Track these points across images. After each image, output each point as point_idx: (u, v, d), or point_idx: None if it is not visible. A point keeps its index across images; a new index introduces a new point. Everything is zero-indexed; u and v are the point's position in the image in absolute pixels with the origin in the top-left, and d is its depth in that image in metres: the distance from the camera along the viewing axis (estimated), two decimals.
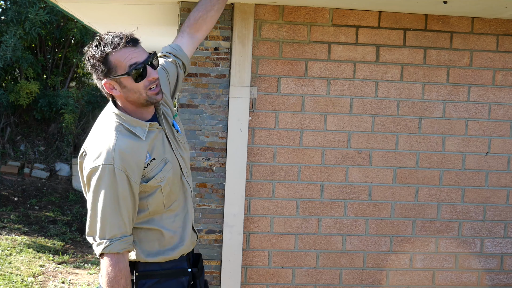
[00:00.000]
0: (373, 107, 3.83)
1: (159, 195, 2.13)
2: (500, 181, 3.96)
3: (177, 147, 2.24)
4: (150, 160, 2.10)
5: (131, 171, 2.03)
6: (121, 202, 2.02)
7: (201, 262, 2.42)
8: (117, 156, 2.00)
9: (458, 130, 3.90)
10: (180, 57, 2.52)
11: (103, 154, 2.01)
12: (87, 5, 4.02)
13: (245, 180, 3.75)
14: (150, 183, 2.10)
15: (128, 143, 2.04)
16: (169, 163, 2.16)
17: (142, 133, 2.09)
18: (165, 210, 2.18)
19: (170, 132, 2.24)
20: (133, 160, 2.04)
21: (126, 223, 2.04)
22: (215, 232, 3.77)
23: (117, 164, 2.00)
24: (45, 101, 9.57)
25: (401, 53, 3.82)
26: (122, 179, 2.01)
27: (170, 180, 2.15)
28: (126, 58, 2.05)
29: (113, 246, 2.02)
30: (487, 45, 3.87)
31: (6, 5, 9.36)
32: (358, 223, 3.89)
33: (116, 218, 2.02)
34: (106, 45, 2.05)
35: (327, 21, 3.75)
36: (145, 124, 2.11)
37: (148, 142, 2.11)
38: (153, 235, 2.18)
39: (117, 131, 2.06)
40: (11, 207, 8.05)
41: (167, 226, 2.19)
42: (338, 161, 3.84)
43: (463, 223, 3.97)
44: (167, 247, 2.20)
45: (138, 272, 2.17)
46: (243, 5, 3.62)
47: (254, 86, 3.72)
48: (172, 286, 2.22)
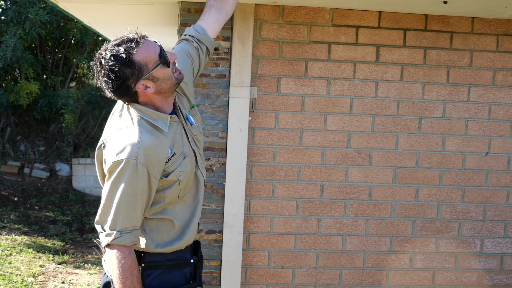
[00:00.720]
0: (373, 107, 3.83)
1: (177, 188, 2.14)
2: (500, 181, 3.96)
3: (193, 141, 2.25)
4: (171, 155, 2.11)
5: (152, 167, 2.04)
6: (139, 197, 2.04)
7: (200, 250, 2.44)
8: (141, 151, 2.01)
9: (458, 130, 3.90)
10: (204, 41, 2.50)
11: (127, 148, 2.01)
12: (87, 5, 4.02)
13: (245, 180, 3.75)
14: (170, 177, 2.11)
15: (152, 139, 2.05)
16: (188, 157, 2.17)
17: (164, 125, 2.10)
18: (178, 201, 2.20)
19: (186, 124, 2.25)
20: (156, 157, 2.05)
21: (139, 218, 2.06)
22: (215, 232, 3.77)
23: (141, 159, 2.01)
24: (45, 101, 9.58)
25: (401, 53, 3.82)
26: (143, 174, 2.02)
27: (188, 174, 2.17)
28: (150, 51, 2.07)
29: (123, 238, 2.03)
30: (487, 45, 3.87)
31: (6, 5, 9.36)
32: (358, 223, 3.89)
33: (130, 212, 2.03)
34: (125, 50, 2.03)
35: (327, 21, 3.75)
36: (166, 117, 2.12)
37: (170, 136, 2.12)
38: (164, 225, 2.19)
39: (140, 126, 2.07)
40: (11, 207, 8.05)
41: (178, 216, 2.21)
42: (338, 161, 3.84)
43: (463, 223, 3.97)
44: (175, 237, 2.22)
45: (144, 263, 2.19)
46: (243, 5, 3.62)
47: (254, 86, 3.72)
48: (176, 277, 2.24)
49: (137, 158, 2.00)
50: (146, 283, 2.17)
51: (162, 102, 2.15)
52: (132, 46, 2.03)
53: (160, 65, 2.08)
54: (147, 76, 2.07)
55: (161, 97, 2.14)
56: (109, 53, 2.04)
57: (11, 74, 10.28)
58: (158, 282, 2.19)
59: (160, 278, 2.20)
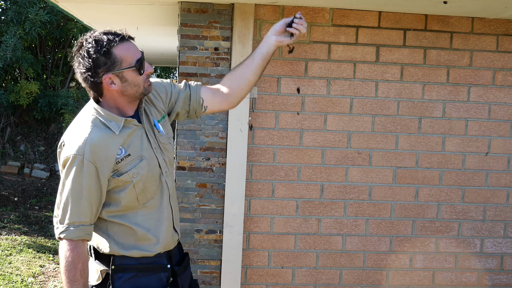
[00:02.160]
0: (373, 107, 3.83)
1: (132, 191, 2.15)
2: (500, 181, 3.96)
3: (157, 146, 2.25)
4: (124, 156, 2.13)
5: (100, 164, 2.07)
6: (85, 192, 2.06)
7: (187, 261, 2.43)
8: (88, 148, 2.05)
9: (458, 130, 3.90)
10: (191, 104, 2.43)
11: (76, 144, 2.06)
12: (87, 5, 4.02)
13: (245, 180, 3.75)
14: (122, 177, 2.12)
15: (100, 136, 2.09)
16: (145, 160, 2.17)
17: (116, 127, 2.13)
18: (140, 207, 2.19)
19: (151, 130, 2.25)
20: (103, 153, 2.08)
21: (86, 213, 2.08)
22: (215, 232, 3.77)
23: (87, 155, 2.05)
24: (45, 101, 9.58)
25: (401, 53, 3.82)
26: (90, 170, 2.06)
27: (144, 177, 2.16)
28: (130, 52, 2.11)
29: (69, 232, 2.07)
30: (487, 45, 3.87)
31: (6, 5, 9.35)
32: (358, 223, 3.89)
33: (76, 207, 2.07)
34: (109, 40, 2.07)
35: (327, 21, 3.75)
36: (120, 119, 2.14)
37: (123, 137, 2.14)
38: (126, 230, 2.20)
39: (92, 124, 2.12)
40: (11, 207, 8.05)
41: (141, 223, 2.20)
42: (338, 161, 3.84)
43: (463, 223, 3.97)
44: (142, 243, 2.21)
45: (114, 265, 2.19)
46: (243, 5, 3.62)
47: (254, 86, 3.71)
48: (151, 281, 2.23)
49: (84, 154, 2.04)
50: (116, 285, 2.18)
51: (124, 104, 2.18)
52: (116, 40, 2.07)
53: (133, 68, 2.11)
54: (117, 73, 2.10)
55: (123, 99, 2.17)
56: (92, 38, 2.09)
57: (11, 74, 10.28)
58: (129, 285, 2.19)
59: (132, 282, 2.20)
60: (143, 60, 2.15)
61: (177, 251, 2.40)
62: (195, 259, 3.78)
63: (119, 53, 2.08)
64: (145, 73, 2.15)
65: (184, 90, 2.41)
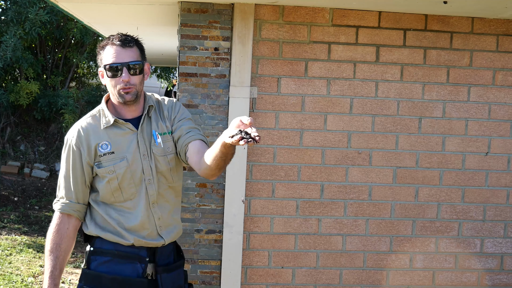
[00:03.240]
0: (373, 107, 3.83)
1: (107, 186, 2.31)
2: (500, 181, 3.96)
3: (146, 154, 2.34)
4: (108, 152, 2.31)
5: (83, 149, 2.31)
6: (71, 172, 2.33)
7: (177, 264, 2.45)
8: (76, 133, 2.33)
9: (458, 130, 3.90)
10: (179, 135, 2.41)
11: (72, 130, 2.36)
12: (87, 5, 4.02)
13: (245, 180, 3.75)
14: (101, 170, 2.31)
15: (87, 126, 2.34)
16: (125, 161, 2.30)
17: (104, 123, 2.32)
18: (117, 204, 2.33)
19: (147, 138, 2.35)
20: (85, 141, 2.31)
21: (72, 191, 2.33)
22: (215, 232, 3.77)
23: (74, 140, 2.32)
24: (45, 101, 9.57)
25: (401, 53, 3.82)
26: (76, 153, 2.32)
27: (120, 176, 2.29)
28: (108, 55, 2.27)
29: (58, 204, 2.34)
30: (487, 45, 3.87)
31: (6, 5, 9.34)
32: (358, 223, 3.89)
33: (66, 184, 2.34)
34: (107, 38, 2.32)
35: (327, 21, 3.75)
36: (111, 119, 2.31)
37: (110, 134, 2.32)
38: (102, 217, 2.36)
39: (91, 115, 2.38)
40: (11, 207, 8.05)
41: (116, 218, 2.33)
42: (338, 161, 3.84)
43: (463, 223, 3.97)
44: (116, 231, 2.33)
45: (93, 247, 2.37)
46: (243, 5, 3.62)
47: (254, 86, 3.72)
48: (125, 268, 2.33)
49: (72, 138, 2.33)
50: (92, 266, 2.36)
51: (116, 103, 2.34)
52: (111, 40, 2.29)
53: (103, 69, 2.29)
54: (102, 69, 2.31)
55: (113, 100, 2.35)
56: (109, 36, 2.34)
57: (11, 74, 10.26)
58: (105, 268, 2.34)
59: (107, 265, 2.34)
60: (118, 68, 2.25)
61: (170, 253, 2.44)
62: (195, 259, 3.78)
63: (104, 53, 2.29)
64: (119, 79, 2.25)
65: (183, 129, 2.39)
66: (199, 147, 2.34)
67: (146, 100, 2.39)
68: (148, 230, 2.34)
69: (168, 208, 2.42)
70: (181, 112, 2.46)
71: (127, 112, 2.35)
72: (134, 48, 2.29)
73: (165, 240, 2.39)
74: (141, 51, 2.33)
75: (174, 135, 2.41)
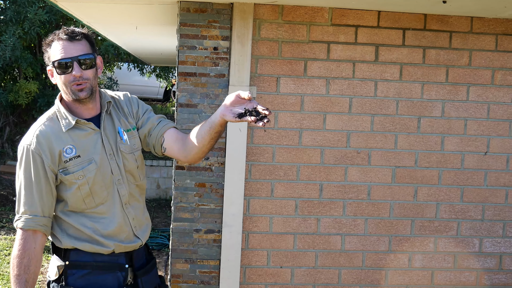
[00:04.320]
0: (372, 107, 3.83)
1: (77, 192, 2.17)
2: (499, 180, 3.96)
3: (113, 153, 2.25)
4: (74, 156, 2.16)
5: (45, 156, 2.13)
6: (34, 182, 2.14)
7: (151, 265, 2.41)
8: (35, 139, 2.14)
9: (457, 130, 3.90)
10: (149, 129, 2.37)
11: (28, 136, 2.17)
12: (86, 4, 4.02)
13: (244, 179, 3.75)
14: (68, 177, 2.16)
15: (47, 129, 2.16)
16: (94, 164, 2.19)
17: (66, 125, 2.17)
18: (89, 210, 2.20)
19: (111, 136, 2.25)
20: (47, 146, 2.14)
21: (37, 204, 2.14)
22: (214, 232, 3.77)
23: (33, 146, 2.14)
24: (44, 101, 9.56)
25: (400, 53, 3.82)
26: (36, 161, 2.14)
27: (91, 180, 2.18)
28: (56, 51, 2.13)
29: (20, 221, 2.14)
30: (486, 44, 3.87)
31: (5, 4, 9.34)
32: (357, 222, 3.89)
33: (28, 197, 2.14)
34: (53, 34, 2.17)
35: (326, 20, 3.75)
36: (72, 119, 2.18)
37: (73, 137, 2.17)
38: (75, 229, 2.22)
39: (48, 118, 2.21)
40: (9, 207, 8.05)
41: (90, 226, 2.21)
42: (337, 161, 3.84)
43: (462, 222, 3.97)
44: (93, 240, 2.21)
45: (69, 260, 2.21)
46: (242, 4, 3.62)
47: (253, 86, 3.72)
48: (106, 279, 2.23)
49: (31, 144, 2.14)
50: (70, 282, 2.19)
51: (71, 102, 2.20)
52: (58, 36, 2.14)
53: (51, 66, 2.15)
54: (50, 67, 2.17)
55: (67, 98, 2.20)
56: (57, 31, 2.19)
57: (10, 74, 10.25)
58: (84, 282, 2.20)
59: (87, 278, 2.20)
60: (68, 63, 2.12)
61: (142, 254, 2.39)
62: (194, 258, 3.78)
63: (52, 49, 2.15)
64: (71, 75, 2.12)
65: (153, 120, 2.36)
66: (176, 135, 2.31)
67: (102, 96, 2.28)
68: (125, 233, 2.26)
69: (139, 207, 2.36)
70: (141, 105, 2.39)
71: (84, 111, 2.21)
72: (83, 41, 2.15)
73: (142, 241, 2.34)
74: (91, 44, 2.19)
75: (142, 130, 2.34)
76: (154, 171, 9.41)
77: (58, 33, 2.15)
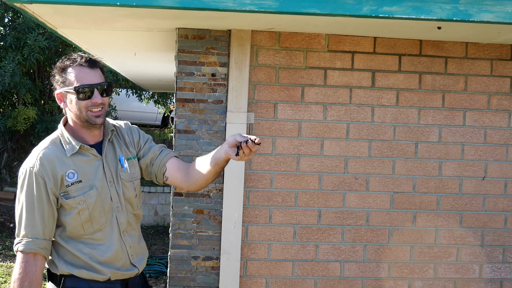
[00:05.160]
0: (369, 132, 3.84)
1: (77, 217, 2.19)
2: (497, 205, 3.95)
3: (113, 180, 2.28)
4: (76, 181, 2.19)
5: (48, 179, 2.15)
6: (36, 205, 2.14)
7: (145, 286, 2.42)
8: (38, 162, 2.16)
9: (455, 155, 3.91)
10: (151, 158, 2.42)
11: (31, 159, 2.19)
12: (86, 31, 4.05)
13: (242, 206, 3.74)
14: (69, 201, 2.17)
15: (51, 153, 2.18)
16: (95, 190, 2.21)
17: (70, 150, 2.20)
18: (86, 237, 2.22)
19: (112, 164, 2.29)
20: (50, 169, 2.16)
21: (38, 226, 2.14)
22: (212, 259, 3.75)
23: (36, 168, 2.15)
24: (42, 127, 9.57)
25: (396, 78, 3.84)
26: (40, 183, 2.15)
27: (91, 206, 2.20)
28: (78, 76, 2.18)
29: (21, 244, 2.13)
30: (481, 69, 3.90)
31: (5, 30, 9.41)
32: (356, 249, 3.87)
33: (29, 219, 2.14)
34: (68, 60, 2.21)
35: (323, 47, 3.78)
36: (76, 144, 2.21)
37: (76, 162, 2.20)
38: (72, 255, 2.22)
39: (51, 141, 2.23)
40: (6, 234, 8.00)
41: (88, 253, 2.22)
42: (335, 187, 3.83)
43: (462, 248, 3.95)
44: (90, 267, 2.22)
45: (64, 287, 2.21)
46: (240, 31, 3.65)
47: (251, 112, 3.73)
48: None
49: (34, 167, 2.16)
50: None
51: (78, 129, 2.25)
52: (76, 61, 2.19)
53: (72, 91, 2.17)
54: (63, 91, 2.21)
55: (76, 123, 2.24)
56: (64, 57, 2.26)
57: (9, 99, 10.29)
58: None
59: None
60: (90, 89, 2.18)
61: (139, 282, 2.39)
62: (192, 286, 3.74)
63: (70, 74, 2.18)
64: (90, 101, 2.18)
65: (155, 149, 2.42)
66: (177, 164, 2.38)
67: (105, 124, 2.32)
68: (122, 261, 2.27)
69: (136, 235, 2.37)
70: (142, 135, 2.45)
71: (89, 136, 2.26)
72: (100, 69, 2.24)
73: (139, 269, 2.34)
74: (103, 72, 2.27)
75: (144, 159, 2.39)
76: (152, 197, 9.38)
77: (77, 59, 2.19)
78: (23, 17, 8.81)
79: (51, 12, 3.29)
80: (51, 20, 3.57)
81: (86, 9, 3.13)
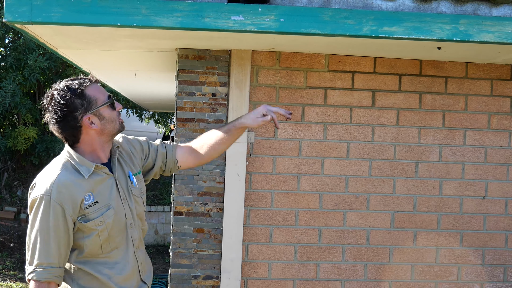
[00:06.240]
0: (370, 152, 3.84)
1: (96, 239, 2.15)
2: (498, 224, 3.95)
3: (126, 197, 2.27)
4: (92, 202, 2.14)
5: (66, 205, 2.08)
6: (52, 233, 2.07)
7: None
8: (55, 188, 2.07)
9: (455, 174, 3.91)
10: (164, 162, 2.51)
11: (44, 185, 2.10)
12: (86, 51, 4.07)
13: (243, 225, 3.73)
14: (89, 224, 2.13)
15: (67, 178, 2.11)
16: (112, 209, 2.19)
17: (86, 172, 2.15)
18: (103, 256, 2.20)
19: (123, 181, 2.28)
20: (69, 195, 2.09)
21: (54, 254, 2.08)
22: (213, 278, 3.73)
23: (54, 196, 2.07)
24: (42, 147, 9.59)
25: (396, 98, 3.86)
26: (57, 211, 2.07)
27: (110, 226, 2.18)
28: (101, 90, 2.20)
29: (36, 273, 2.06)
30: (481, 89, 3.92)
31: (5, 51, 9.47)
32: (357, 268, 3.85)
33: (44, 248, 2.07)
34: (80, 83, 2.15)
35: (323, 66, 3.80)
36: (91, 165, 2.16)
37: (92, 183, 2.16)
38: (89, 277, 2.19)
39: (63, 167, 2.15)
40: (6, 253, 7.96)
41: (104, 272, 2.19)
42: (335, 206, 3.83)
43: (462, 267, 3.93)
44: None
45: None
46: (240, 51, 3.68)
47: (251, 131, 3.74)
48: None
49: (51, 194, 2.07)
50: None
51: (100, 146, 2.22)
52: (86, 81, 2.17)
53: (108, 104, 2.18)
54: (94, 111, 2.15)
55: (101, 140, 2.21)
56: (63, 85, 2.15)
57: (9, 120, 10.32)
58: None
59: None
60: (111, 99, 2.23)
61: None
62: None
63: (91, 93, 2.15)
64: (117, 109, 2.24)
65: (160, 149, 2.48)
66: (185, 150, 2.51)
67: None
68: (136, 278, 2.27)
69: (144, 251, 2.38)
70: (141, 142, 2.48)
71: (104, 152, 2.24)
72: None
73: (148, 285, 2.34)
74: None
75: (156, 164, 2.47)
76: (152, 216, 9.35)
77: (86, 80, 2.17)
78: (24, 38, 8.86)
79: (51, 33, 3.31)
80: (51, 41, 3.59)
81: (86, 30, 3.15)
